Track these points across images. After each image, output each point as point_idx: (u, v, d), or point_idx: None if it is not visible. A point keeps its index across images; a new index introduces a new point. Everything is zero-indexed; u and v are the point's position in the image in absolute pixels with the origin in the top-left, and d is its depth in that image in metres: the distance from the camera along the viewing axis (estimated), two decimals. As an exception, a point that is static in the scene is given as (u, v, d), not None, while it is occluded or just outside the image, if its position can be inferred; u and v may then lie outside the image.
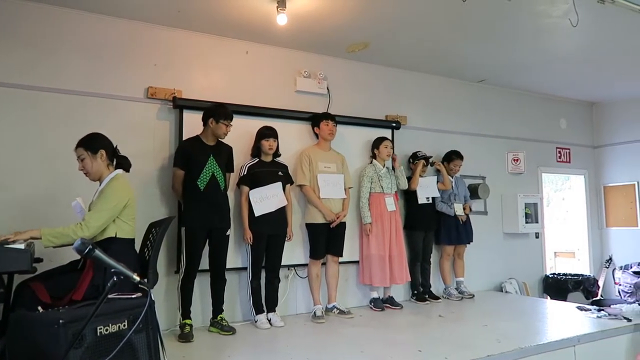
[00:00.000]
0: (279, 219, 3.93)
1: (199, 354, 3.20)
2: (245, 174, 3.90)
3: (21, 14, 3.50)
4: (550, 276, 6.05)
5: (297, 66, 4.58)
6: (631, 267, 6.15)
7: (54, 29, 3.60)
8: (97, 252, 1.59)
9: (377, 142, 4.68)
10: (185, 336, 3.42)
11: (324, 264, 4.32)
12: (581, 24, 3.78)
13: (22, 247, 2.35)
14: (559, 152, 6.50)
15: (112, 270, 1.58)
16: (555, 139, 6.48)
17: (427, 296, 4.85)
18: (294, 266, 4.35)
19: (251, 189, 3.86)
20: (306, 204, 4.30)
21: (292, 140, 4.38)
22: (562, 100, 6.58)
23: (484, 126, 5.82)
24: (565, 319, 4.10)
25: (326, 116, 4.37)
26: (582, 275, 6.09)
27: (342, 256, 4.34)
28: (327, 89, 4.70)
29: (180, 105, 3.93)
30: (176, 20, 3.91)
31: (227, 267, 3.77)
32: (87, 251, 1.58)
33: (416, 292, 4.87)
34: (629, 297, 5.92)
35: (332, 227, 4.20)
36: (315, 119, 4.42)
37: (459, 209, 5.08)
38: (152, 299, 2.14)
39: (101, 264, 1.70)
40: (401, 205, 4.88)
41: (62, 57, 3.61)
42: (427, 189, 4.93)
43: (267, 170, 3.94)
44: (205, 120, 3.66)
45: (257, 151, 3.97)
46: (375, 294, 4.57)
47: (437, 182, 5.02)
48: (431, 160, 5.00)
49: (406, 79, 5.26)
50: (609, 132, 6.77)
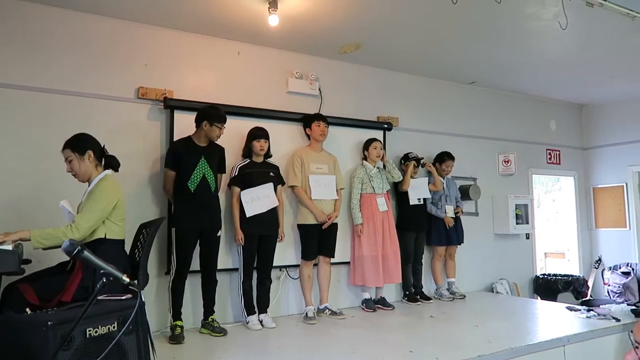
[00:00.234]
0: (270, 219, 3.92)
1: (190, 355, 3.18)
2: (236, 174, 3.88)
3: (7, 12, 3.45)
4: (540, 277, 6.09)
5: (288, 67, 4.58)
6: (620, 268, 6.21)
7: (41, 27, 3.56)
8: (86, 253, 1.58)
9: (367, 144, 4.69)
10: (176, 338, 3.40)
11: (315, 265, 4.32)
12: (570, 27, 3.81)
13: (9, 248, 2.32)
14: (549, 153, 6.56)
15: (102, 271, 1.56)
16: (545, 141, 6.53)
17: (418, 297, 4.86)
18: (286, 267, 4.34)
19: (242, 190, 3.85)
20: (298, 204, 4.30)
21: (283, 141, 4.37)
22: (552, 102, 6.64)
23: (475, 128, 5.85)
24: (555, 319, 4.13)
25: (317, 117, 4.37)
26: (572, 275, 6.14)
27: (334, 257, 4.34)
28: (319, 90, 4.70)
29: (171, 105, 3.91)
30: (167, 20, 3.89)
31: (218, 267, 3.75)
32: (75, 252, 1.57)
33: (408, 292, 4.88)
34: (617, 297, 5.99)
35: (323, 228, 4.20)
36: (306, 120, 4.42)
37: (450, 211, 5.10)
38: (143, 300, 2.12)
39: (90, 265, 1.69)
40: (393, 206, 4.88)
41: (51, 56, 3.57)
42: (418, 190, 4.94)
43: (258, 171, 3.93)
44: (198, 122, 3.64)
45: (248, 152, 3.96)
46: (367, 295, 4.58)
47: (429, 183, 5.04)
48: (422, 161, 5.01)
49: (398, 80, 5.27)
50: (598, 134, 6.84)
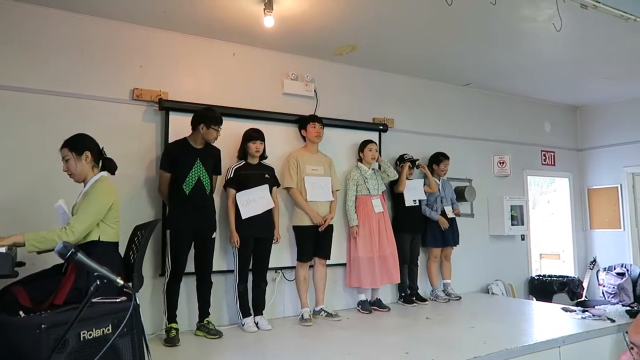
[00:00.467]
0: (266, 221, 3.91)
1: (185, 358, 3.17)
2: (232, 176, 3.87)
3: (3, 15, 3.43)
4: (535, 278, 6.11)
5: (284, 68, 4.58)
6: (615, 269, 6.23)
7: (36, 28, 3.54)
8: (80, 256, 1.56)
9: (362, 145, 4.69)
10: (171, 340, 3.38)
11: (311, 267, 4.31)
12: (565, 29, 3.83)
13: (3, 250, 2.30)
14: (544, 155, 6.58)
15: (95, 273, 1.55)
16: (540, 142, 6.56)
17: (414, 298, 4.86)
18: (281, 269, 4.33)
19: (238, 192, 3.84)
20: (293, 206, 4.29)
21: (279, 142, 4.37)
22: (547, 103, 6.66)
23: (470, 129, 5.87)
24: (550, 320, 4.14)
25: (313, 118, 4.36)
26: (567, 276, 6.15)
27: (329, 259, 4.33)
28: (315, 91, 4.69)
29: (166, 107, 3.90)
30: (162, 21, 3.88)
31: (214, 270, 3.74)
32: (69, 255, 1.55)
33: (403, 294, 4.89)
34: (612, 298, 6.01)
35: (320, 230, 4.19)
36: (302, 122, 4.41)
37: (448, 212, 5.09)
38: (137, 302, 2.11)
39: (84, 268, 1.67)
40: (388, 207, 4.88)
41: (45, 57, 3.56)
42: (414, 192, 4.94)
43: (253, 172, 3.92)
44: (194, 124, 3.62)
45: (243, 153, 3.95)
46: (362, 297, 4.57)
47: (424, 185, 5.04)
48: (417, 163, 5.02)
49: (393, 82, 5.28)
50: (593, 135, 6.87)
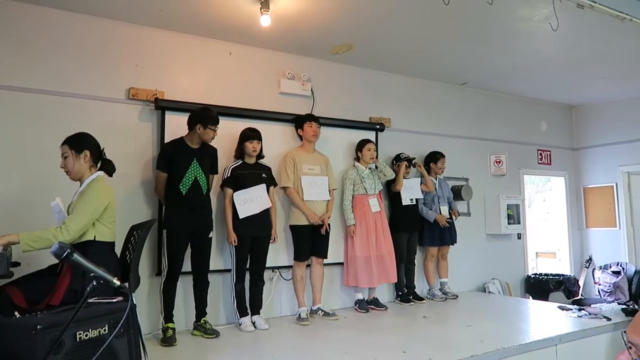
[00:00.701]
0: (263, 221, 3.90)
1: (182, 358, 3.16)
2: (228, 176, 3.86)
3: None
4: (532, 276, 6.13)
5: (281, 68, 4.57)
6: (610, 267, 6.26)
7: (31, 27, 3.52)
8: (76, 256, 1.55)
9: (361, 145, 4.68)
10: (168, 340, 3.37)
11: (308, 266, 4.30)
12: (561, 29, 3.84)
13: (-2, 251, 2.29)
14: (540, 154, 6.60)
15: (92, 274, 1.54)
16: (536, 141, 6.58)
17: (411, 297, 4.86)
18: (278, 268, 4.33)
19: (235, 191, 3.83)
20: (290, 205, 4.28)
21: (276, 142, 4.36)
22: (543, 103, 6.68)
23: (467, 128, 5.88)
24: (547, 319, 4.15)
25: (309, 117, 4.35)
26: (563, 275, 6.18)
27: (326, 258, 4.33)
28: (311, 90, 4.69)
29: (162, 106, 3.89)
30: (158, 20, 3.86)
31: (211, 269, 3.73)
32: (65, 255, 1.54)
33: (400, 293, 4.89)
34: (608, 296, 6.03)
35: (322, 232, 4.18)
36: (298, 121, 4.41)
37: (445, 212, 5.10)
38: (134, 302, 2.10)
39: (79, 268, 1.66)
40: (385, 206, 4.88)
41: (40, 57, 3.54)
42: (411, 191, 4.95)
43: (250, 172, 3.91)
44: (191, 125, 3.61)
45: (240, 153, 3.94)
46: (359, 296, 4.57)
47: (421, 183, 5.04)
48: (414, 161, 5.02)
49: (390, 81, 5.28)
50: (588, 134, 6.90)
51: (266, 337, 3.63)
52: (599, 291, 6.24)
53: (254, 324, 3.82)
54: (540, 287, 5.95)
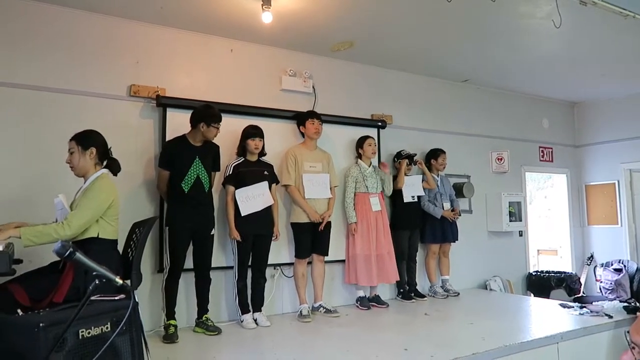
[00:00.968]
0: (265, 218, 3.90)
1: (183, 354, 3.16)
2: (230, 173, 3.86)
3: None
4: (533, 274, 6.13)
5: (282, 64, 4.56)
6: (612, 265, 6.26)
7: (32, 24, 3.51)
8: (78, 255, 1.55)
9: (361, 141, 4.68)
10: (169, 337, 3.38)
11: (309, 263, 4.31)
12: (564, 26, 3.82)
13: (0, 248, 2.29)
14: (542, 151, 6.59)
15: (94, 273, 1.54)
16: (538, 139, 6.56)
17: (412, 295, 4.87)
18: (280, 265, 4.33)
19: (237, 189, 3.83)
20: (291, 203, 4.28)
21: (277, 139, 4.35)
22: (545, 100, 6.66)
23: (469, 125, 5.87)
24: (548, 317, 4.15)
25: (311, 115, 4.34)
26: (565, 272, 6.18)
27: (327, 255, 4.33)
28: (313, 87, 4.68)
29: (163, 103, 3.88)
30: (159, 16, 3.85)
31: (212, 266, 3.73)
32: (67, 254, 1.54)
33: (402, 290, 4.89)
34: (610, 294, 6.03)
35: (320, 229, 4.18)
36: (300, 118, 4.39)
37: (446, 208, 5.08)
38: (136, 300, 2.10)
39: (82, 266, 1.66)
40: (387, 204, 4.88)
41: (41, 53, 3.53)
42: (412, 188, 4.94)
43: (252, 169, 3.91)
44: (194, 123, 3.60)
45: (242, 150, 3.93)
46: (361, 293, 4.58)
47: (422, 181, 5.04)
48: (415, 158, 5.01)
49: (392, 78, 5.27)
50: (590, 131, 6.88)
51: (268, 334, 3.64)
52: (600, 289, 6.23)
53: (255, 321, 3.83)
54: (541, 284, 5.95)
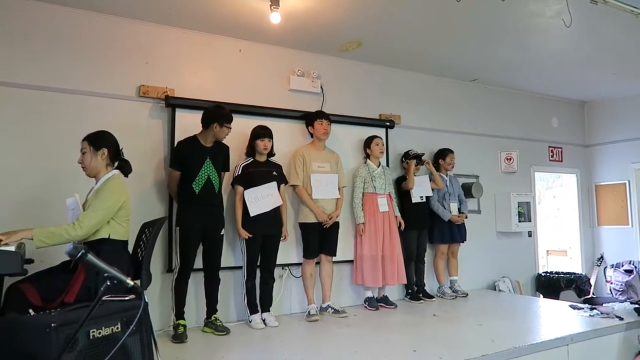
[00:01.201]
0: (273, 218, 3.90)
1: (193, 354, 3.17)
2: (239, 173, 3.87)
3: (8, 10, 3.44)
4: (542, 274, 6.08)
5: (290, 65, 4.56)
6: (622, 266, 6.20)
7: (43, 25, 3.54)
8: (90, 257, 1.56)
9: (368, 141, 4.67)
10: (179, 337, 3.40)
11: (318, 264, 4.30)
12: (574, 24, 3.79)
13: (12, 249, 2.31)
14: (552, 151, 6.54)
15: (105, 274, 1.55)
16: (547, 138, 6.52)
17: (421, 295, 4.85)
18: (288, 265, 4.34)
19: (245, 189, 3.83)
20: (299, 203, 4.28)
21: (285, 139, 4.35)
22: (554, 99, 6.61)
23: (477, 125, 5.84)
24: (558, 318, 4.12)
25: (320, 115, 4.33)
26: (574, 273, 6.13)
27: (335, 255, 4.32)
28: (321, 87, 4.68)
29: (172, 104, 3.90)
30: (168, 17, 3.87)
31: (221, 266, 3.74)
32: (79, 256, 1.55)
33: (410, 291, 4.88)
34: (620, 295, 5.98)
35: (325, 228, 4.18)
36: (309, 118, 4.39)
37: (454, 209, 5.07)
38: (146, 300, 2.11)
39: (93, 268, 1.67)
40: (395, 204, 4.86)
41: (51, 54, 3.56)
42: (420, 188, 4.92)
43: (261, 170, 3.91)
44: (206, 123, 3.62)
45: (251, 151, 3.94)
46: (369, 293, 4.57)
47: (430, 181, 5.02)
48: (423, 158, 4.99)
49: (400, 78, 5.25)
50: (601, 131, 6.82)
51: (276, 334, 3.64)
52: (610, 290, 6.18)
53: (264, 321, 3.83)
54: (551, 285, 5.91)
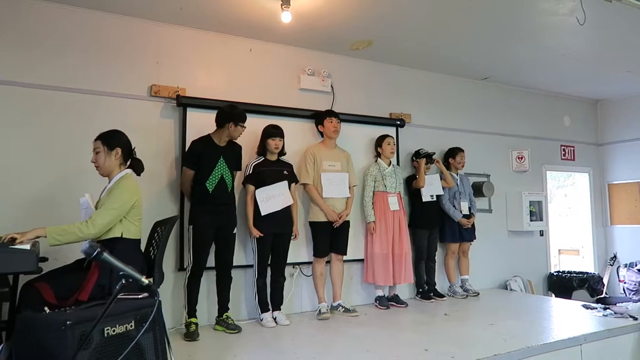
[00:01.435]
0: (284, 217, 3.91)
1: (204, 352, 3.19)
2: (250, 172, 3.88)
3: (21, 11, 3.48)
4: (554, 274, 6.03)
5: (301, 64, 4.56)
6: (636, 265, 6.13)
7: (55, 27, 3.58)
8: (106, 255, 1.58)
9: (380, 140, 4.67)
10: (191, 335, 3.42)
11: (328, 262, 4.31)
12: (588, 22, 3.75)
13: (27, 247, 2.33)
14: (564, 149, 6.48)
15: (121, 273, 1.56)
16: (559, 137, 6.45)
17: (432, 294, 4.84)
18: (299, 264, 4.34)
19: (257, 188, 3.84)
20: (309, 202, 4.28)
21: (296, 138, 4.36)
22: (566, 97, 6.55)
23: (489, 124, 5.80)
24: (571, 318, 4.08)
25: (330, 113, 4.33)
26: (587, 273, 6.07)
27: (345, 254, 4.32)
28: (331, 86, 4.67)
29: (183, 103, 3.92)
30: (179, 17, 3.89)
31: (233, 264, 3.75)
32: (95, 254, 1.57)
33: (421, 290, 4.87)
34: (633, 295, 5.91)
35: (335, 227, 4.18)
36: (318, 117, 4.39)
37: (465, 208, 5.05)
38: (159, 299, 2.13)
39: (107, 265, 1.69)
40: (405, 203, 4.85)
41: (63, 55, 3.59)
42: (431, 187, 4.90)
43: (272, 169, 3.92)
44: (221, 122, 3.64)
45: (262, 150, 3.95)
46: (380, 292, 4.56)
47: (440, 179, 5.00)
48: (434, 157, 4.97)
49: (410, 76, 5.23)
50: (614, 129, 6.74)
51: (287, 332, 3.65)
52: (624, 290, 6.12)
53: (275, 319, 3.84)
54: (563, 285, 5.86)
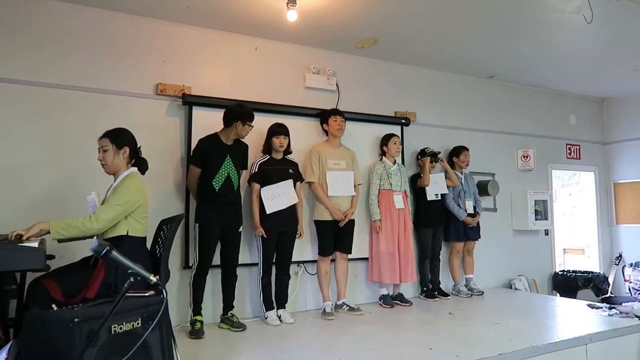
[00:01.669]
0: (289, 216, 3.91)
1: (209, 350, 3.21)
2: (256, 171, 3.89)
3: (29, 10, 3.50)
4: (559, 273, 6.02)
5: (306, 62, 4.56)
6: (641, 265, 6.11)
7: (61, 26, 3.59)
8: (114, 253, 1.59)
9: (386, 139, 4.66)
10: (196, 333, 3.44)
11: (333, 261, 4.31)
12: (595, 20, 3.74)
13: (35, 245, 2.35)
14: (569, 148, 6.45)
15: (129, 271, 1.57)
16: (565, 135, 6.43)
17: (436, 293, 4.84)
18: (304, 263, 4.35)
19: (262, 187, 3.85)
20: (314, 200, 4.29)
21: (301, 136, 4.36)
22: (572, 96, 6.52)
23: (494, 122, 5.78)
24: (576, 317, 4.07)
25: (334, 112, 4.34)
26: (592, 272, 6.06)
27: (350, 253, 4.33)
28: (336, 85, 4.67)
29: (189, 101, 3.93)
30: (185, 16, 3.89)
31: (238, 263, 3.76)
32: (104, 252, 1.58)
33: (425, 289, 4.86)
34: (639, 294, 5.89)
35: (340, 226, 4.19)
36: (323, 116, 4.39)
37: (470, 207, 5.05)
38: (166, 297, 2.13)
39: (114, 263, 1.70)
40: (410, 201, 4.85)
41: (70, 53, 3.61)
42: (436, 186, 4.90)
43: (277, 167, 3.92)
44: (229, 121, 3.65)
45: (268, 148, 3.95)
46: (384, 291, 4.57)
47: (445, 178, 4.99)
48: (439, 156, 4.96)
49: (415, 75, 5.23)
50: (620, 128, 6.71)
51: (291, 331, 3.66)
52: (629, 289, 6.10)
53: (279, 317, 3.85)
54: (568, 284, 5.84)
